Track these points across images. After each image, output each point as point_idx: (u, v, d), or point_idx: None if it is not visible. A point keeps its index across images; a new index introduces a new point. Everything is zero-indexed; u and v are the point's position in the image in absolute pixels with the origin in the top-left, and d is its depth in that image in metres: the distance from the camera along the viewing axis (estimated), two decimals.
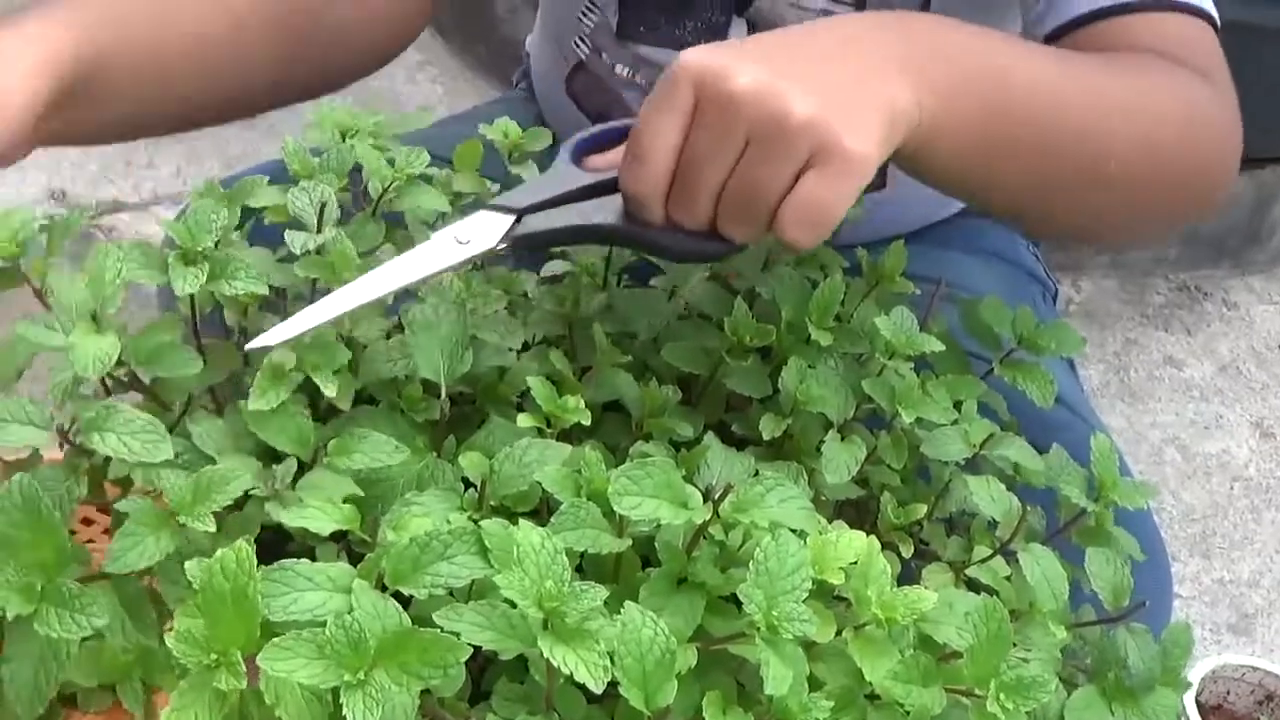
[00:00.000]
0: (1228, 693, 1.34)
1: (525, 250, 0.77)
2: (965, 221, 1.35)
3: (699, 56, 0.71)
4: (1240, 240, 2.57)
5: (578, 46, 1.24)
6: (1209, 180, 0.94)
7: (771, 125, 0.69)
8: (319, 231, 0.82)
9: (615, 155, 0.76)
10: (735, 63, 0.70)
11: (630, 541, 0.69)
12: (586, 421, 0.75)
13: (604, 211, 0.76)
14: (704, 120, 0.71)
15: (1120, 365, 2.28)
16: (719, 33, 1.15)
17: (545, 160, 0.96)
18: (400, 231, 0.91)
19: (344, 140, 0.90)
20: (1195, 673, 1.21)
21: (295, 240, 0.81)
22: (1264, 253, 2.61)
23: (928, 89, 0.75)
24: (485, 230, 0.75)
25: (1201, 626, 1.79)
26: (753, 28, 1.15)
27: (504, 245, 0.75)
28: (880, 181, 1.23)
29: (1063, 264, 2.43)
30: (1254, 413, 2.20)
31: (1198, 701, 1.26)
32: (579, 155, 0.79)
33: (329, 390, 0.74)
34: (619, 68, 1.20)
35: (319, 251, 0.82)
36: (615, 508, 0.66)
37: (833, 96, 0.70)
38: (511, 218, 0.76)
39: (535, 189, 0.78)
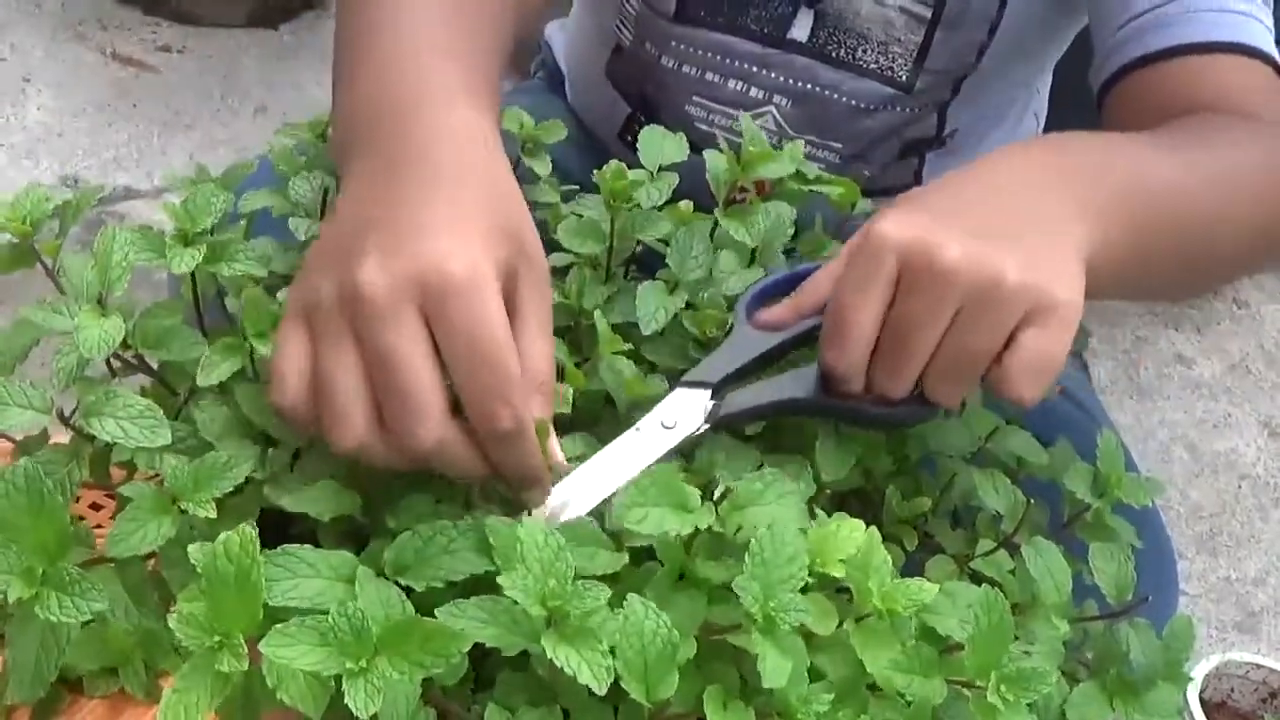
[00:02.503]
0: (1232, 690, 1.34)
1: (726, 429, 0.78)
2: None
3: (898, 230, 0.72)
4: None
5: (619, 30, 1.24)
6: None
7: (988, 292, 0.70)
8: (322, 218, 0.83)
9: (782, 310, 0.79)
10: (939, 233, 0.71)
11: (627, 558, 0.69)
12: (567, 409, 0.75)
13: (800, 383, 0.77)
14: (915, 290, 0.71)
15: (1130, 363, 2.28)
16: (783, 24, 1.15)
17: (558, 150, 0.96)
18: None
19: (322, 140, 0.91)
20: (1199, 670, 1.21)
21: (299, 227, 0.82)
22: None
23: (1094, 220, 0.77)
24: (688, 411, 0.76)
25: (1207, 624, 1.79)
26: (820, 19, 1.14)
27: (707, 426, 0.76)
28: (915, 183, 1.23)
29: None
30: (1263, 411, 2.20)
31: (1202, 699, 1.25)
32: (751, 314, 0.80)
33: None
34: (664, 59, 1.20)
35: None
36: (624, 524, 0.66)
37: (1036, 253, 0.72)
38: (708, 394, 0.77)
39: (723, 360, 0.78)
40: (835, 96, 1.16)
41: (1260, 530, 1.96)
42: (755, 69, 1.17)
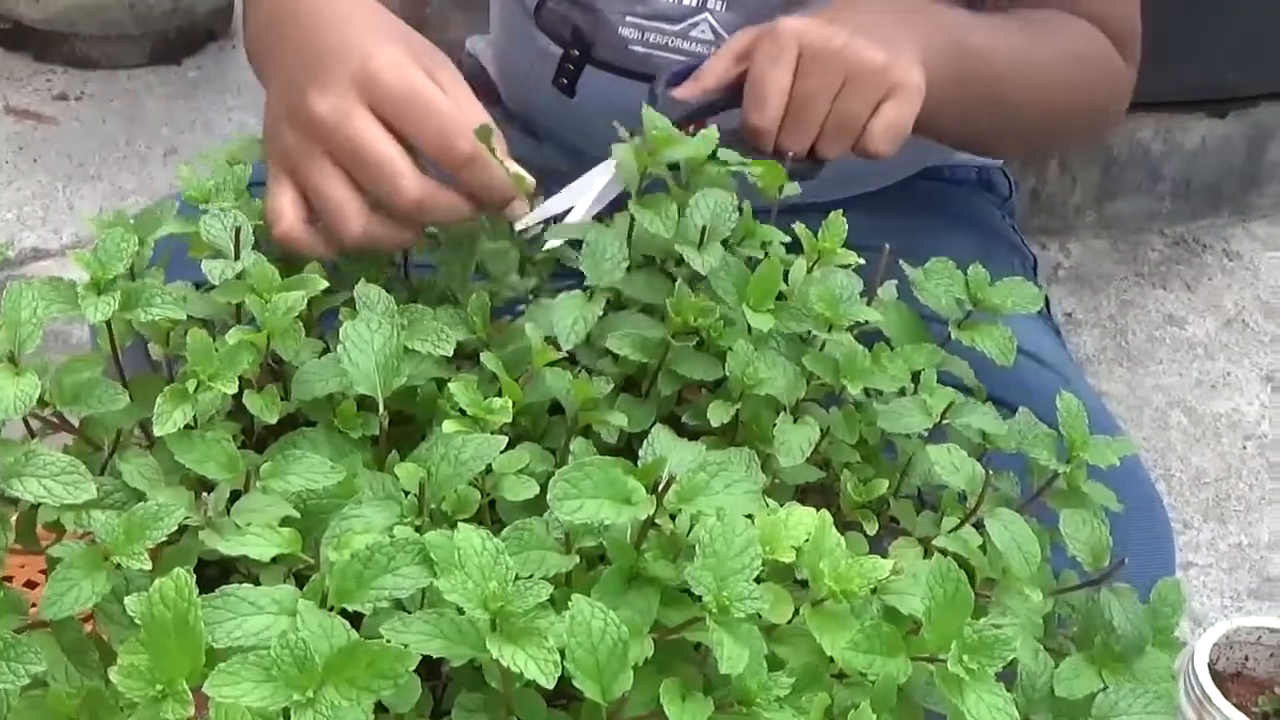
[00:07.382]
0: (1246, 658, 1.37)
1: None
2: (940, 187, 1.40)
3: (800, 23, 1.02)
4: (1238, 185, 2.60)
5: None
6: (1097, 110, 1.35)
7: (865, 69, 1.01)
8: (237, 258, 0.86)
9: (690, 87, 1.06)
10: (829, 27, 1.02)
11: (578, 559, 0.73)
12: (508, 418, 0.79)
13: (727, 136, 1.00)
14: (813, 69, 1.01)
15: (1117, 329, 2.31)
16: None
17: None
18: None
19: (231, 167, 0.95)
20: (1206, 640, 1.25)
21: (214, 269, 0.85)
22: (1265, 197, 2.64)
23: (928, 62, 1.06)
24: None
25: (1221, 595, 1.82)
26: None
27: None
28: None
29: (1048, 228, 2.47)
30: (1264, 366, 2.23)
31: (1214, 670, 1.29)
32: (670, 87, 1.07)
33: (252, 407, 0.79)
34: None
35: (240, 277, 0.86)
36: (556, 514, 0.70)
37: (897, 50, 1.03)
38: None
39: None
40: None
41: (1271, 491, 1.99)
42: None
